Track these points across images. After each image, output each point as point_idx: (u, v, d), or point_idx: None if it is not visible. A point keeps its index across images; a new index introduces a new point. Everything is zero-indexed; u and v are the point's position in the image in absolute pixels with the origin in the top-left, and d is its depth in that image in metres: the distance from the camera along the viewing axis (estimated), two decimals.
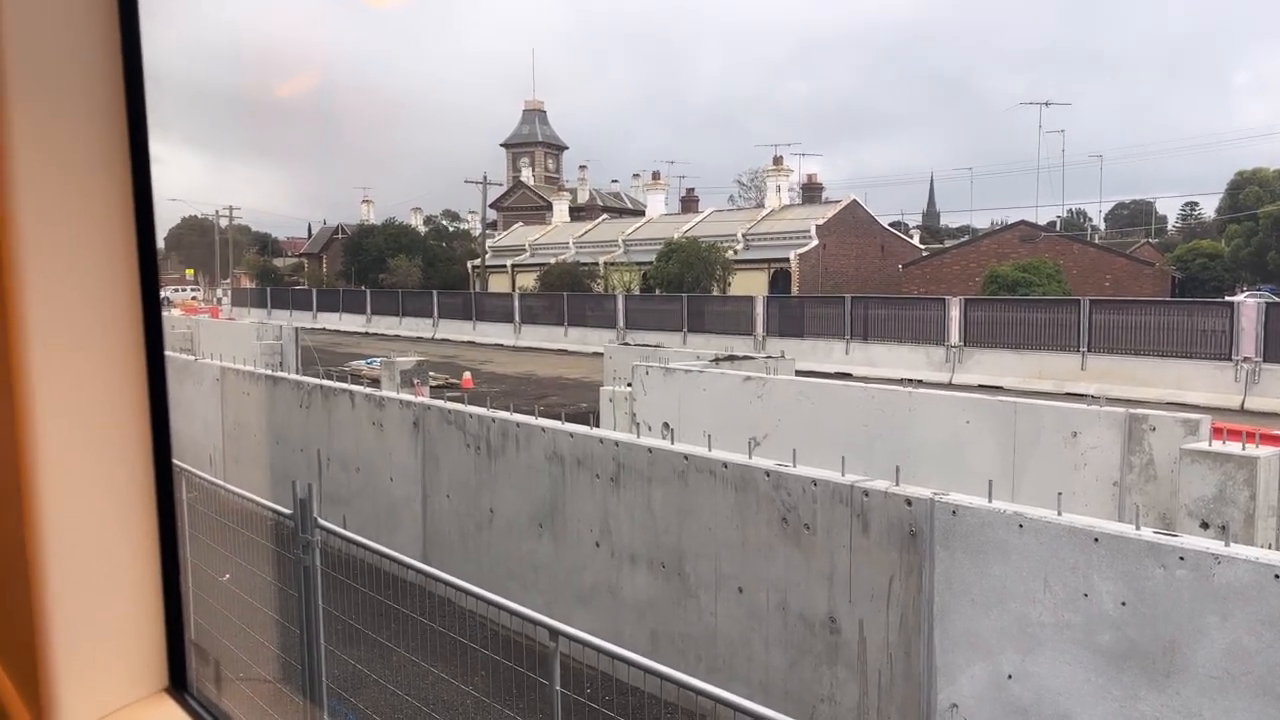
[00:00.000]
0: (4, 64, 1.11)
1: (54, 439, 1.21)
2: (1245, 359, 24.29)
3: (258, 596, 5.99)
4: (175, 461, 1.37)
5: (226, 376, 12.93)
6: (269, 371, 12.94)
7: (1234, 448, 8.41)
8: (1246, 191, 53.73)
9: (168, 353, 1.36)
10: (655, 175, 67.10)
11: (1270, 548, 7.42)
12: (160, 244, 1.37)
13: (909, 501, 5.56)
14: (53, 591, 1.23)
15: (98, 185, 1.21)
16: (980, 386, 24.51)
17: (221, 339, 23.10)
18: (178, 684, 1.38)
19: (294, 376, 12.96)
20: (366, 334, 49.70)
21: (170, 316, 32.39)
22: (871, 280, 50.48)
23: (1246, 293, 44.13)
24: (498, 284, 62.80)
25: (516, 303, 45.82)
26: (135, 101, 1.22)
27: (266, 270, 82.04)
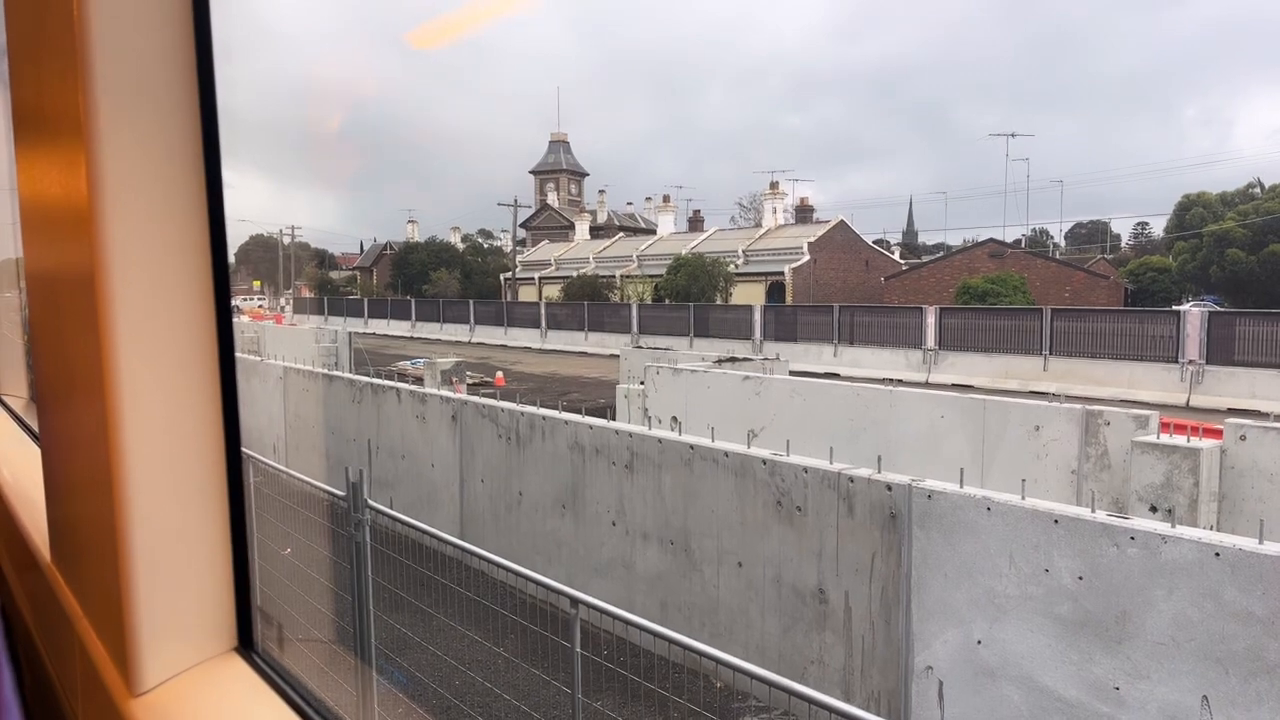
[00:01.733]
0: (97, 94, 1.13)
1: (139, 430, 1.23)
2: (1190, 361, 24.10)
3: (315, 568, 6.02)
4: (243, 450, 1.39)
5: (288, 375, 12.99)
6: (326, 371, 13.00)
7: (1179, 440, 8.36)
8: (1192, 212, 53.30)
9: (237, 354, 1.37)
10: (665, 198, 67.02)
11: (1211, 529, 7.36)
12: (231, 259, 1.39)
13: (889, 487, 5.54)
14: (137, 563, 1.24)
15: (178, 206, 1.23)
16: (954, 385, 24.39)
17: (284, 342, 23.19)
18: (245, 644, 1.39)
19: (347, 375, 13.01)
20: (411, 338, 49.82)
21: (239, 323, 32.56)
22: (857, 291, 50.29)
23: (1191, 303, 43.79)
24: (526, 294, 62.89)
25: (543, 311, 45.87)
26: (210, 132, 1.24)
27: (324, 282, 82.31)
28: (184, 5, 1.19)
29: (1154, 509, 8.07)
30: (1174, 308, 31.83)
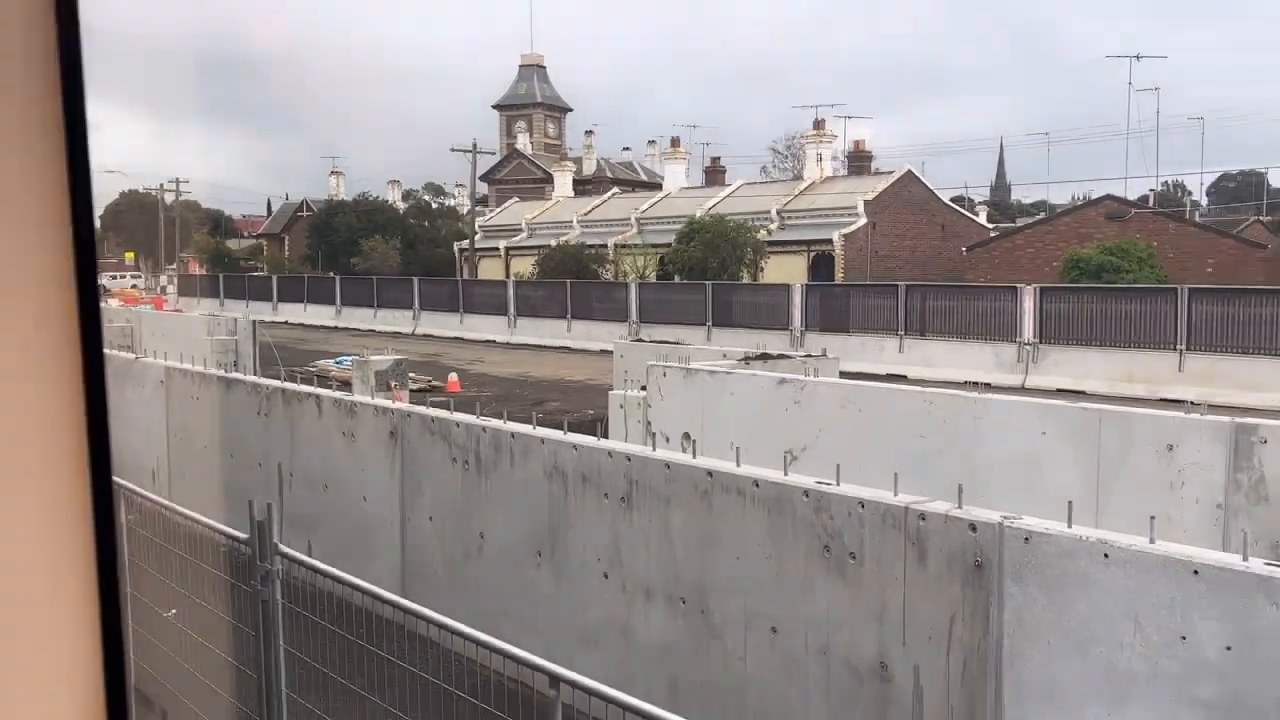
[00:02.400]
0: None
1: None
2: None
3: (209, 636, 6.02)
4: (115, 479, 1.38)
5: (172, 378, 13.01)
6: (222, 372, 13.02)
7: None
8: None
9: (105, 350, 1.37)
10: (674, 142, 67.10)
11: None
12: (96, 223, 1.38)
13: (973, 526, 5.54)
14: None
15: (28, 153, 1.23)
16: (1059, 391, 24.42)
17: (167, 334, 23.23)
18: None
19: (251, 378, 13.03)
20: (336, 328, 49.89)
21: (107, 308, 32.61)
22: (930, 265, 50.34)
23: None
24: (489, 270, 62.96)
25: (511, 292, 45.94)
26: (69, 53, 1.23)
27: (219, 254, 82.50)
28: None
29: None
30: None
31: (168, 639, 6.12)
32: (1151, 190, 70.52)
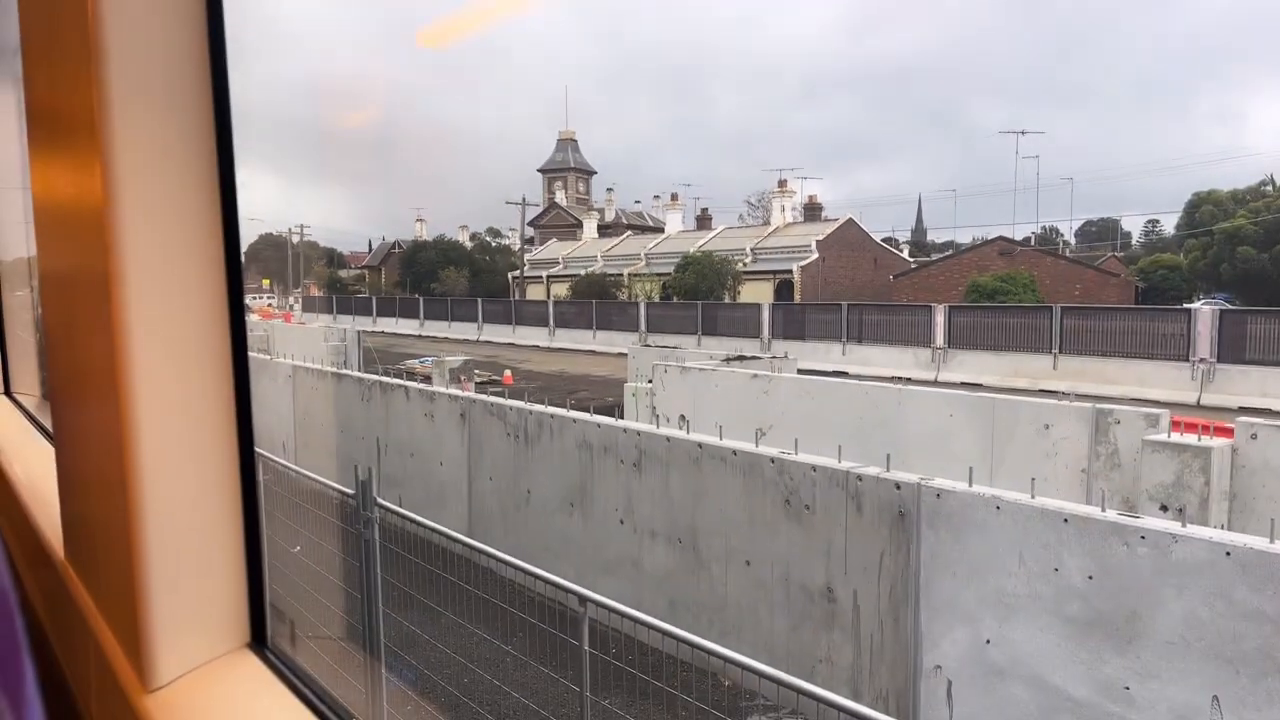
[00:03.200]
0: (110, 94, 1.14)
1: (153, 429, 1.24)
2: (1201, 359, 23.99)
3: (325, 566, 6.04)
4: (256, 449, 1.39)
5: (298, 374, 13.04)
6: (334, 369, 13.04)
7: (1190, 439, 8.32)
8: (1203, 210, 53.01)
9: (250, 353, 1.38)
10: (674, 197, 66.89)
11: (1223, 529, 7.33)
12: (242, 259, 1.40)
13: (898, 485, 5.53)
14: (151, 560, 1.25)
15: (191, 205, 1.24)
16: (963, 384, 24.32)
17: (293, 341, 23.25)
18: (258, 641, 1.40)
19: (356, 374, 13.05)
20: (419, 337, 49.91)
21: (249, 321, 32.63)
22: (866, 290, 50.16)
23: (1202, 301, 43.54)
24: (534, 293, 62.92)
25: (551, 309, 45.92)
26: (223, 131, 1.25)
27: (332, 280, 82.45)
28: (197, 4, 1.20)
29: (1165, 508, 8.03)
30: (1185, 306, 31.67)
31: (294, 569, 6.14)
32: (1033, 233, 70.16)
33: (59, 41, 1.30)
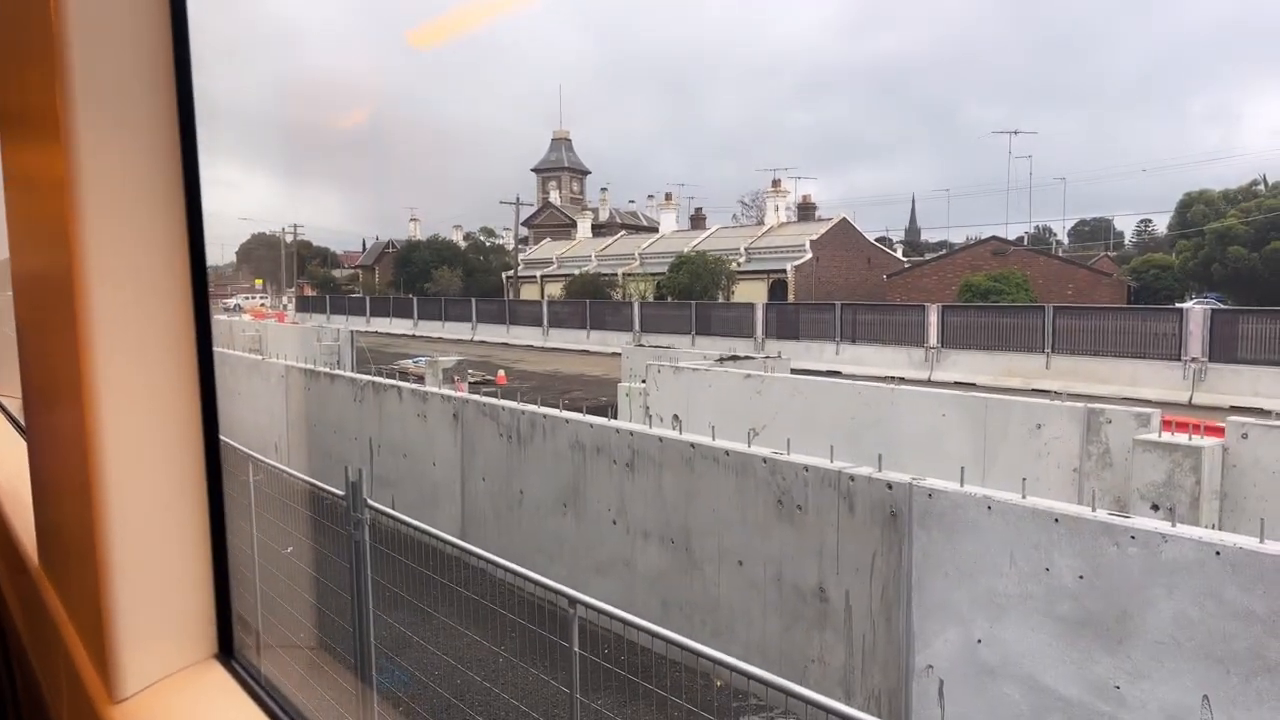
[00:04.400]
0: (74, 95, 1.13)
1: (119, 431, 1.22)
2: (1193, 359, 24.06)
3: (315, 566, 6.02)
4: (243, 448, 1.38)
5: (290, 374, 13.00)
6: (327, 369, 13.00)
7: (1181, 439, 8.34)
8: (1194, 209, 53.20)
9: (239, 353, 1.37)
10: (668, 196, 66.93)
11: (1213, 528, 7.35)
12: (232, 257, 1.38)
13: (890, 485, 5.53)
14: (117, 567, 1.24)
15: (157, 206, 1.23)
16: (955, 383, 24.36)
17: (286, 341, 23.21)
18: (225, 650, 1.39)
19: (349, 374, 13.01)
20: (414, 336, 49.84)
21: (241, 321, 32.54)
22: (859, 289, 50.22)
23: (1194, 300, 43.69)
24: (528, 292, 62.87)
25: (545, 309, 45.88)
26: (188, 132, 1.23)
27: (326, 280, 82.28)
28: (161, 6, 1.19)
29: (1155, 507, 8.05)
30: (1176, 305, 31.78)
31: (285, 570, 6.11)
32: (1026, 233, 70.42)
33: (24, 41, 1.29)
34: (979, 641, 5.04)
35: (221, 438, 1.33)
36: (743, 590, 6.45)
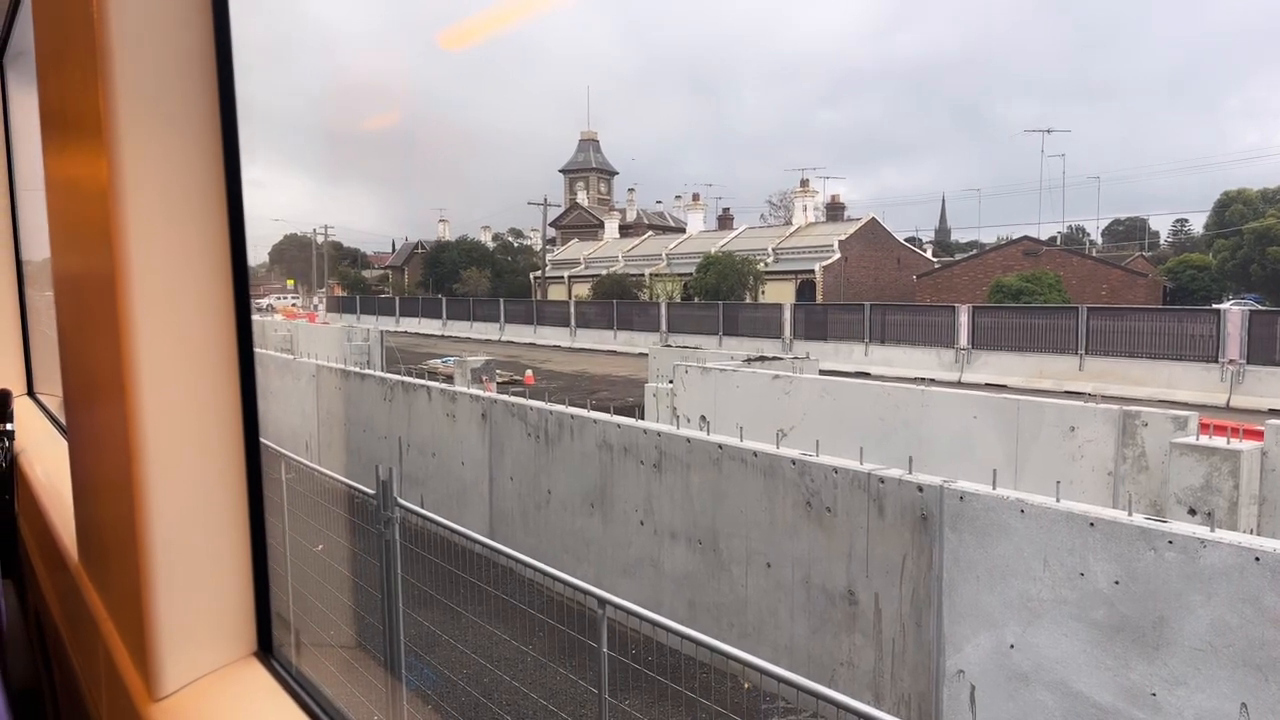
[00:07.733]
0: (117, 98, 1.14)
1: (159, 431, 1.23)
2: (1230, 361, 23.62)
3: (346, 564, 6.07)
4: (276, 447, 1.39)
5: (321, 373, 13.13)
6: (358, 369, 13.12)
7: (1219, 442, 8.18)
8: (1232, 209, 52.27)
9: (271, 352, 1.38)
10: (695, 197, 66.85)
11: (1252, 533, 7.20)
12: (265, 258, 1.39)
13: (921, 488, 5.48)
14: (158, 566, 1.25)
15: (198, 207, 1.24)
16: (987, 385, 24.10)
17: (317, 340, 23.45)
18: (265, 648, 1.39)
19: (379, 373, 13.12)
20: (442, 336, 50.15)
21: (273, 321, 32.93)
22: (888, 290, 49.84)
23: (1232, 301, 42.92)
24: (556, 293, 63.06)
25: (572, 309, 45.97)
26: (230, 134, 1.24)
27: (356, 281, 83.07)
28: (204, 9, 1.20)
29: (1193, 512, 7.91)
30: (1214, 306, 31.20)
31: (315, 566, 6.17)
32: (1059, 233, 69.50)
33: (69, 44, 1.30)
34: (1011, 646, 4.98)
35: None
36: (771, 592, 6.43)
